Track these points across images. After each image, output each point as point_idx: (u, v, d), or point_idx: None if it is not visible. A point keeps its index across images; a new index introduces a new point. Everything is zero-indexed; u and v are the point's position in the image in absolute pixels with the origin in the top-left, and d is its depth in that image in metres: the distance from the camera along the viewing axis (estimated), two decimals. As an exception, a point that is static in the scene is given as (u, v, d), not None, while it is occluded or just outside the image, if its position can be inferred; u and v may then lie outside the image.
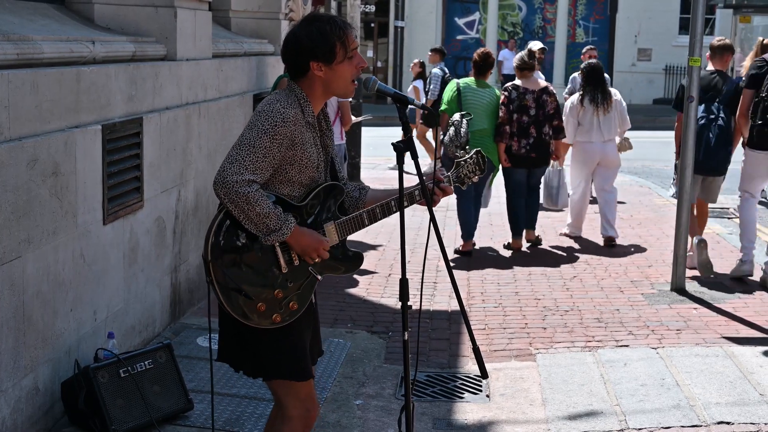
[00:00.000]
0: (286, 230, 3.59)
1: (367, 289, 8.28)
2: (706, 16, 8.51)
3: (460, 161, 4.02)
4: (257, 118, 3.60)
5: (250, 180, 3.52)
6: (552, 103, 9.65)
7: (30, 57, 4.88)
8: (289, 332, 3.73)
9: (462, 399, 5.93)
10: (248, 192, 3.50)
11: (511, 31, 31.75)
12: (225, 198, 3.53)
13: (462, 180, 4.02)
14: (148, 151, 6.22)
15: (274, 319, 3.66)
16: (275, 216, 3.56)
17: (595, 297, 8.09)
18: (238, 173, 3.51)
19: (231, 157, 3.55)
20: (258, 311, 3.63)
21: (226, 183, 3.51)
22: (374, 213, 3.81)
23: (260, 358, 3.74)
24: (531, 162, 9.67)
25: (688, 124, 8.17)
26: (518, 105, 9.53)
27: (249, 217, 3.55)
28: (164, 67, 6.57)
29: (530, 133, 9.57)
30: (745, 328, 7.19)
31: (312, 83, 3.70)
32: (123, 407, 5.05)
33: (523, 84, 9.66)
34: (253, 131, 3.57)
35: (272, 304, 3.65)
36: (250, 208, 3.52)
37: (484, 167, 4.05)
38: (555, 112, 9.64)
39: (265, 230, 3.57)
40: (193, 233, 7.18)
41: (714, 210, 12.41)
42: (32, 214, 4.71)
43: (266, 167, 3.57)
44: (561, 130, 9.71)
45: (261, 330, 3.68)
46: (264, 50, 9.50)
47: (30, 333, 4.75)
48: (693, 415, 5.50)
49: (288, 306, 3.69)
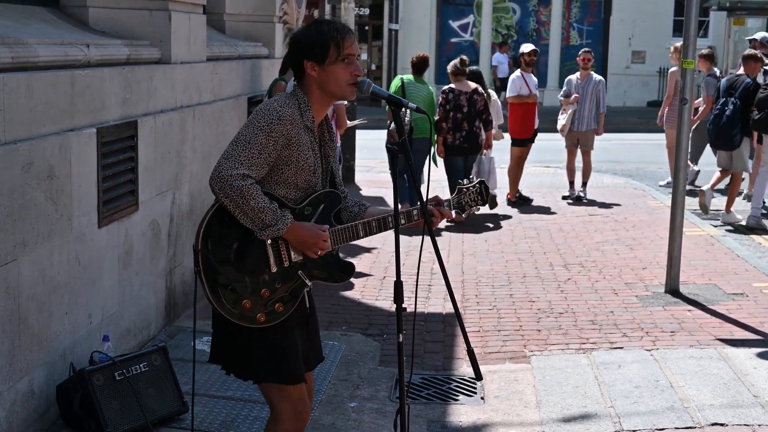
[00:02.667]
0: (282, 225, 3.60)
1: (361, 292, 8.29)
2: (699, 19, 8.59)
3: (462, 188, 3.98)
4: (254, 116, 3.64)
5: (244, 174, 3.54)
6: (481, 101, 11.38)
7: (25, 60, 4.88)
8: (280, 335, 3.73)
9: (457, 401, 5.94)
10: (243, 185, 3.52)
11: (505, 34, 31.75)
12: (220, 192, 3.55)
13: (462, 207, 3.99)
14: (143, 154, 6.23)
15: (258, 319, 3.66)
16: (270, 211, 3.57)
17: (590, 299, 8.11)
18: (233, 167, 3.53)
19: (227, 152, 3.58)
20: (242, 308, 3.63)
21: (221, 177, 3.53)
22: (370, 226, 3.80)
23: (251, 360, 3.74)
24: (464, 151, 11.46)
25: (682, 126, 8.20)
26: (454, 104, 11.34)
27: (244, 211, 3.56)
28: (159, 70, 6.58)
29: (463, 127, 11.35)
30: (739, 330, 7.21)
31: (309, 84, 3.73)
32: (118, 410, 5.06)
33: (458, 87, 11.42)
34: (249, 128, 3.60)
35: (257, 303, 3.65)
36: (245, 201, 3.53)
37: (486, 199, 4.01)
38: (484, 108, 11.40)
39: (260, 224, 3.58)
40: (188, 236, 7.18)
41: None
42: (27, 217, 4.71)
43: (261, 163, 3.58)
44: (489, 123, 11.51)
45: (253, 332, 3.68)
46: (258, 53, 9.51)
47: (25, 336, 4.75)
48: (687, 416, 5.52)
49: (273, 307, 3.68)
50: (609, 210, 12.42)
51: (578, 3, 32.17)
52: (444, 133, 11.38)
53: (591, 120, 13.24)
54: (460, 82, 11.43)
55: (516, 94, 12.68)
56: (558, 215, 12.09)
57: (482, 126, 11.45)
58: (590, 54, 13.35)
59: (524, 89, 12.63)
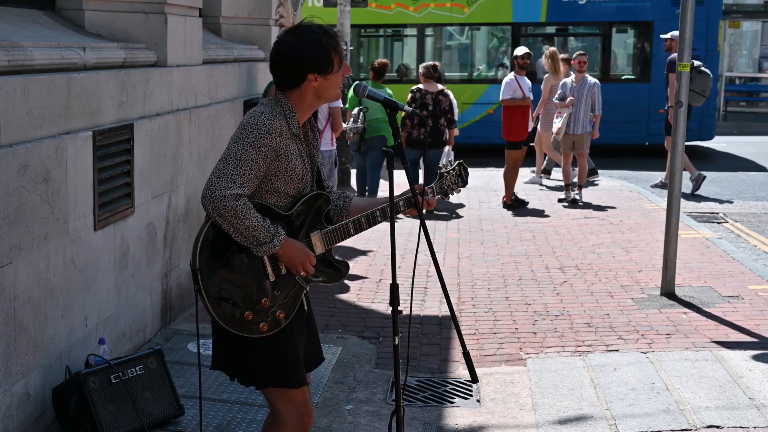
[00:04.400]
0: (276, 242, 3.62)
1: (357, 295, 8.29)
2: (695, 22, 8.60)
3: (443, 172, 4.07)
4: (242, 131, 3.61)
5: (237, 194, 3.54)
6: (446, 101, 12.28)
7: (21, 64, 4.88)
8: (281, 340, 3.75)
9: (452, 404, 5.94)
10: (236, 206, 3.53)
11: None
12: (213, 212, 3.55)
13: (445, 191, 4.07)
14: (139, 157, 6.23)
15: (261, 328, 3.68)
16: (264, 229, 3.58)
17: (586, 302, 8.12)
18: (225, 188, 3.53)
19: (218, 171, 3.57)
20: (245, 320, 3.65)
21: (214, 198, 3.53)
22: (360, 223, 3.84)
23: (253, 366, 3.76)
24: (429, 145, 12.41)
25: (678, 128, 8.22)
26: (420, 103, 12.25)
27: (238, 230, 3.57)
28: (155, 73, 6.58)
29: (428, 123, 12.30)
30: (735, 333, 7.21)
31: (304, 93, 3.72)
32: (114, 413, 5.06)
33: (425, 87, 12.36)
34: (239, 144, 3.58)
35: (259, 313, 3.67)
36: (239, 221, 3.54)
37: (466, 179, 4.11)
38: (449, 108, 12.30)
39: (254, 242, 3.60)
40: (184, 239, 7.18)
41: (703, 215, 12.49)
42: (23, 220, 4.71)
43: (252, 179, 3.59)
44: (453, 122, 12.43)
45: (254, 338, 3.69)
46: (254, 56, 9.52)
47: (21, 339, 4.75)
48: (683, 419, 5.53)
49: (275, 315, 3.70)
50: (604, 212, 12.44)
51: (574, 6, 32.17)
52: (408, 128, 12.28)
53: (586, 123, 13.27)
54: (428, 84, 12.39)
55: (510, 97, 12.70)
56: (553, 218, 12.11)
57: (446, 124, 12.39)
58: (585, 57, 13.39)
59: (518, 92, 12.65)
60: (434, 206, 4.04)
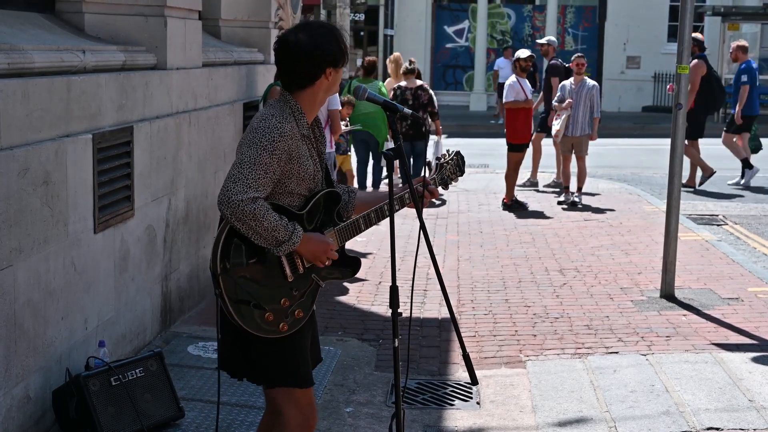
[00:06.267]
0: (295, 239, 3.63)
1: (357, 297, 8.29)
2: (694, 24, 8.58)
3: (442, 163, 4.14)
4: (254, 134, 3.61)
5: (254, 197, 3.55)
6: (425, 95, 12.97)
7: (21, 66, 4.89)
8: (292, 340, 3.77)
9: (452, 406, 5.94)
10: (254, 209, 3.53)
11: (500, 39, 31.80)
12: (232, 217, 3.55)
13: (445, 182, 4.15)
14: (139, 159, 6.23)
15: (281, 328, 3.70)
16: (282, 227, 3.59)
17: (585, 304, 8.12)
18: (242, 192, 3.53)
19: (233, 176, 3.57)
20: (266, 321, 3.66)
21: (231, 202, 3.53)
22: (369, 218, 3.90)
23: (264, 365, 3.77)
24: (410, 137, 12.80)
25: (676, 131, 8.22)
26: (401, 99, 12.88)
27: (257, 233, 3.57)
28: (154, 76, 6.58)
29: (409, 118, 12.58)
30: (734, 335, 7.22)
31: (316, 91, 3.74)
32: (114, 415, 5.06)
33: (406, 84, 13.03)
34: (253, 149, 3.58)
35: (279, 313, 3.69)
36: (258, 224, 3.55)
37: (464, 169, 4.20)
38: (428, 101, 12.97)
39: (274, 243, 3.61)
40: (184, 242, 7.18)
41: (703, 217, 12.49)
42: (23, 223, 4.71)
43: (268, 182, 3.60)
44: (436, 114, 13.20)
45: (264, 338, 3.70)
46: (254, 59, 9.52)
47: (21, 342, 4.75)
48: (682, 421, 5.53)
49: (294, 314, 3.73)
50: (604, 215, 12.44)
51: (573, 8, 32.25)
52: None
53: (585, 125, 13.25)
54: (408, 80, 13.11)
55: (513, 100, 12.71)
56: (553, 220, 12.11)
57: (430, 117, 13.18)
58: (583, 59, 13.38)
59: (521, 95, 12.67)
60: (438, 196, 4.09)
